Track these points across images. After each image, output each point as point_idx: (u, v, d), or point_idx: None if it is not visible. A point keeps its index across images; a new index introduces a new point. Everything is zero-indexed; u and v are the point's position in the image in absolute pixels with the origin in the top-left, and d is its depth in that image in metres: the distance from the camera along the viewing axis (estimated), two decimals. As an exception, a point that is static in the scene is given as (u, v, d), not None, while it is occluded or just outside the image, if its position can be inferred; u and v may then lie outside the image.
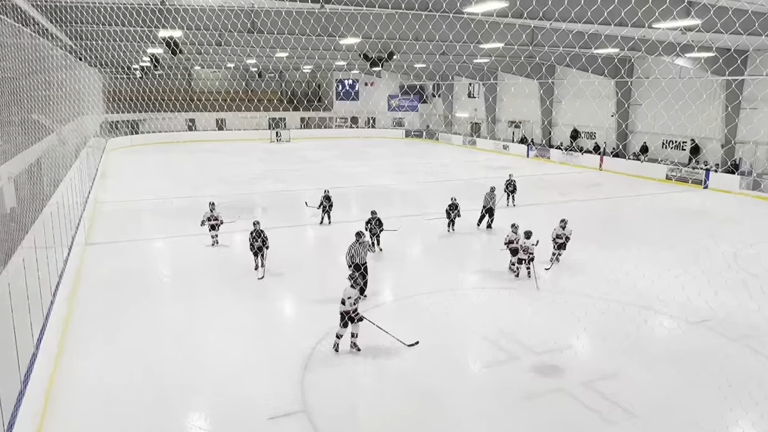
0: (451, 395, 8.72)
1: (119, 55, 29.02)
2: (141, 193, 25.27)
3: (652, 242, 17.23)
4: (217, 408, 8.34)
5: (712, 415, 8.21)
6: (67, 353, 10.04)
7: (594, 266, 14.81)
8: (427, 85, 56.80)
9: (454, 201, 18.55)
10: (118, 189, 26.33)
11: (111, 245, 16.98)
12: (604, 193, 26.76)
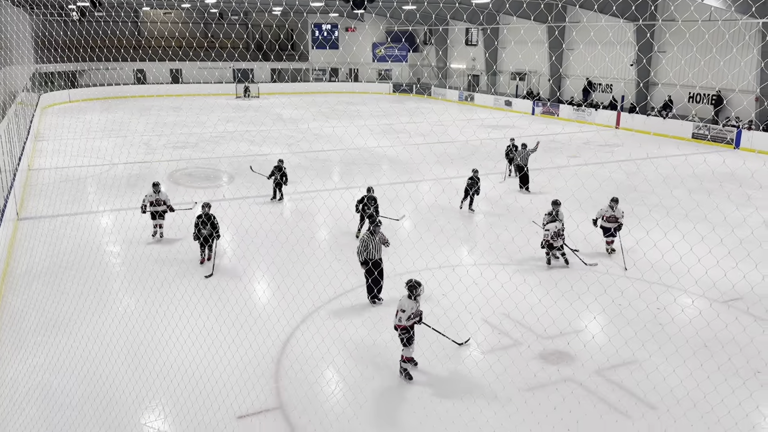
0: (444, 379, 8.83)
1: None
2: (83, 158, 24.71)
3: (677, 212, 17.33)
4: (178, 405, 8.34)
5: (743, 404, 8.38)
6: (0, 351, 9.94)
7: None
8: (418, 31, 56.12)
9: (476, 174, 18.23)
10: (56, 153, 25.76)
11: (48, 220, 16.72)
12: (622, 155, 26.82)
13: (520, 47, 44.57)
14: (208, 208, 13.24)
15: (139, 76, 50.08)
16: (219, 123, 35.58)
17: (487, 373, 8.99)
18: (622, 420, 8.15)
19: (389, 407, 8.46)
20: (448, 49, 53.54)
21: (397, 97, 52.66)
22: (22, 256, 14.06)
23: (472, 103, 46.65)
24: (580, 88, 39.46)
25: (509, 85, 46.16)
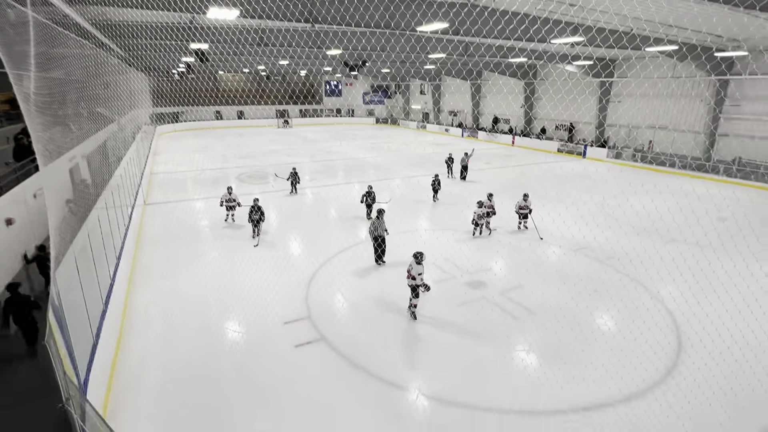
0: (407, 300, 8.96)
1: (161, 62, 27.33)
2: (184, 165, 24.34)
3: (548, 196, 17.57)
4: (247, 317, 8.39)
5: (585, 312, 8.63)
6: (136, 283, 9.88)
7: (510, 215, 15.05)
8: (390, 84, 55.46)
9: (437, 177, 17.22)
10: (167, 163, 25.27)
11: (164, 205, 16.48)
12: (516, 161, 27.01)
13: (453, 96, 44.45)
14: (257, 201, 12.44)
15: (217, 114, 49.03)
16: (268, 143, 35.00)
17: (436, 294, 9.14)
18: (515, 321, 8.34)
19: (379, 316, 8.54)
20: (409, 96, 53.08)
21: (379, 126, 52.11)
22: (148, 227, 13.92)
23: (424, 130, 46.32)
24: (491, 120, 39.44)
25: (447, 119, 45.91)
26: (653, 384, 6.58)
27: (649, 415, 5.93)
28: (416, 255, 8.12)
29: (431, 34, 16.13)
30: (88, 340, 6.01)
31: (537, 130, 34.59)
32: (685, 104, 24.36)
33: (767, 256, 11.11)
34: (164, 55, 23.72)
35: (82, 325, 5.89)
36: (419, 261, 8.06)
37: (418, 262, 8.05)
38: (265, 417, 5.92)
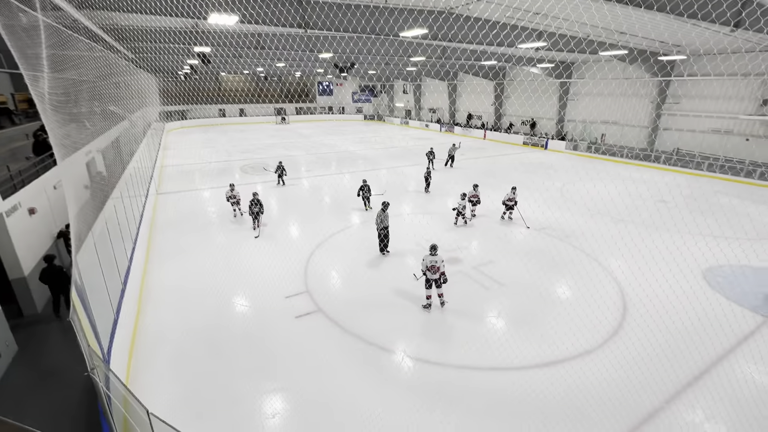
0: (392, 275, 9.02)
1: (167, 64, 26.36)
2: (192, 159, 23.76)
3: (516, 182, 17.73)
4: (252, 293, 8.35)
5: (546, 283, 8.82)
6: (151, 265, 9.71)
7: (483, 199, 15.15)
8: (376, 84, 54.64)
9: (429, 169, 16.66)
10: (176, 157, 24.64)
11: (174, 194, 16.13)
12: (488, 153, 27.11)
13: (432, 94, 44.05)
14: (257, 195, 11.78)
15: (220, 112, 47.76)
16: (267, 138, 34.32)
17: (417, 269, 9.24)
18: (486, 291, 8.46)
19: (369, 290, 8.58)
20: (393, 95, 52.42)
21: (366, 122, 51.46)
22: (161, 213, 13.62)
23: (407, 125, 45.97)
24: (465, 116, 39.31)
25: (428, 115, 45.59)
26: (603, 342, 6.81)
27: (603, 366, 6.15)
28: (432, 247, 7.61)
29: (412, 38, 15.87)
30: (109, 316, 5.93)
31: (506, 125, 34.64)
32: (633, 102, 24.64)
33: (699, 233, 11.46)
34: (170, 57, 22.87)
35: (104, 302, 5.80)
36: (433, 252, 7.56)
37: (432, 253, 7.56)
38: (271, 377, 5.96)
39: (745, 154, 19.92)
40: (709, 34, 14.75)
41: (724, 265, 9.57)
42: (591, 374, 6.04)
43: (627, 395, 5.64)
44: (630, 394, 5.65)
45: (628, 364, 6.21)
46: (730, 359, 6.44)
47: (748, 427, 5.17)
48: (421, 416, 5.24)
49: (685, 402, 5.57)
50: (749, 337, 6.99)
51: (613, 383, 5.86)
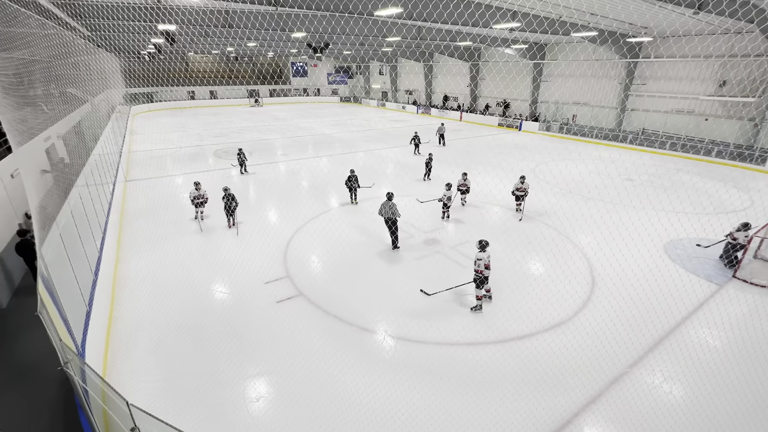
0: (372, 261, 9.07)
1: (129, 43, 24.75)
2: (162, 144, 22.71)
3: (491, 164, 17.97)
4: (231, 280, 8.23)
5: (521, 260, 9.10)
6: (124, 254, 9.37)
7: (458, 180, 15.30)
8: (352, 66, 53.42)
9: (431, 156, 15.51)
10: (145, 142, 23.47)
11: (145, 181, 15.45)
12: (463, 135, 27.26)
13: (408, 76, 43.53)
14: (229, 189, 10.61)
15: (191, 94, 45.52)
16: (241, 121, 33.15)
17: (403, 250, 9.33)
18: (461, 269, 8.66)
19: (349, 272, 8.60)
20: (369, 77, 51.46)
21: (343, 104, 50.51)
22: (131, 202, 13.05)
23: (384, 108, 45.43)
24: (441, 98, 39.17)
25: (404, 97, 45.15)
26: (573, 314, 7.14)
27: (574, 336, 6.48)
28: (481, 242, 7.05)
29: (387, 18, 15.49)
30: (81, 308, 5.71)
31: (481, 107, 34.78)
32: (602, 83, 25.18)
33: (662, 209, 12.04)
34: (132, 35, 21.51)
35: (74, 294, 5.58)
36: (483, 248, 7.00)
37: (482, 249, 6.99)
38: (254, 362, 5.96)
39: (705, 133, 20.88)
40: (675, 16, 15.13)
41: (683, 238, 10.13)
42: (563, 344, 6.35)
43: (596, 362, 5.98)
44: (598, 361, 5.99)
45: (596, 334, 6.56)
46: (686, 325, 6.90)
47: (701, 385, 5.60)
48: (404, 392, 5.39)
49: (647, 366, 5.96)
50: (704, 304, 7.50)
51: (582, 352, 6.19)
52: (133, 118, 34.79)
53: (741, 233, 8.69)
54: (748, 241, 8.46)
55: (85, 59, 18.67)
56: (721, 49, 19.47)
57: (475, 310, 7.17)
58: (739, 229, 8.76)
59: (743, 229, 8.70)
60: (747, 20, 13.63)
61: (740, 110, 19.59)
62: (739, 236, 8.70)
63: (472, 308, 7.19)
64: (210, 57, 46.29)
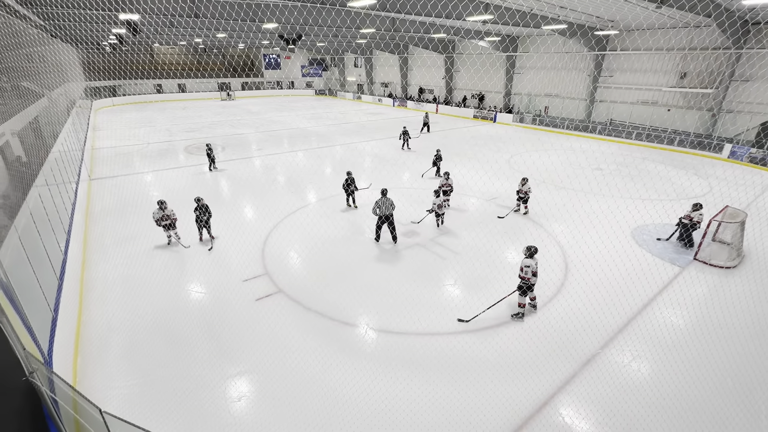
0: (352, 255, 9.04)
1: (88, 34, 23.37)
2: (128, 140, 21.70)
3: (467, 155, 18.20)
4: (207, 279, 8.02)
5: (497, 248, 9.30)
6: (91, 256, 8.95)
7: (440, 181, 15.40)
8: (326, 58, 52.58)
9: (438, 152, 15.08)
10: (110, 138, 22.38)
11: (111, 179, 14.75)
12: (440, 127, 27.43)
13: (383, 68, 43.28)
14: (202, 200, 9.43)
15: (157, 88, 43.53)
16: (212, 116, 32.08)
17: (383, 243, 9.33)
18: (442, 261, 8.77)
19: (329, 267, 8.55)
20: (344, 69, 50.84)
21: (318, 97, 49.74)
22: (97, 201, 12.44)
23: (360, 101, 45.06)
24: (417, 90, 39.21)
25: (380, 90, 44.90)
26: (548, 299, 7.38)
27: (549, 321, 6.70)
28: (529, 248, 6.61)
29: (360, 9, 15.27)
30: (46, 315, 5.43)
31: (456, 99, 35.05)
32: (572, 75, 25.86)
33: (629, 196, 12.56)
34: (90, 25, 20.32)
35: (38, 300, 5.28)
36: (530, 254, 6.59)
37: (530, 256, 6.59)
38: (234, 361, 5.85)
39: (668, 123, 21.85)
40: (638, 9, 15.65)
41: (649, 224, 10.62)
42: (539, 329, 6.56)
43: (570, 344, 6.21)
44: (572, 343, 6.23)
45: (569, 318, 6.81)
46: (652, 306, 7.27)
47: (666, 362, 5.93)
48: (386, 385, 5.44)
49: (617, 346, 6.25)
50: (668, 286, 7.91)
51: (558, 335, 6.41)
52: (96, 113, 33.07)
53: (696, 213, 9.21)
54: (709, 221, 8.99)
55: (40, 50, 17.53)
56: (682, 43, 20.35)
57: (515, 317, 6.79)
58: (694, 209, 9.28)
59: (698, 209, 9.24)
60: (705, 14, 14.27)
61: (699, 101, 20.59)
62: (694, 216, 9.21)
63: (513, 315, 6.81)
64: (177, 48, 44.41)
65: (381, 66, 43.70)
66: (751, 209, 11.81)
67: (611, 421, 4.96)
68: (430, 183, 14.01)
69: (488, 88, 32.13)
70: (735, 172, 16.11)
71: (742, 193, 13.45)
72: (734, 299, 7.42)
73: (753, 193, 13.46)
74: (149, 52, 43.36)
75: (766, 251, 9.21)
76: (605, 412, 5.09)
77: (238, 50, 47.74)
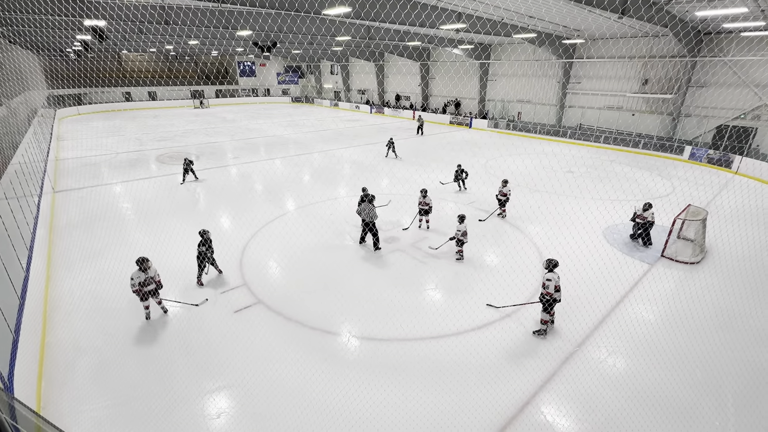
0: (332, 263, 8.97)
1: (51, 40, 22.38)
2: (95, 150, 20.82)
3: (444, 160, 18.44)
4: (183, 291, 7.75)
5: (477, 251, 9.43)
6: (56, 272, 8.49)
7: (416, 178, 15.52)
8: (302, 65, 52.40)
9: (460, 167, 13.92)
10: (75, 148, 21.40)
11: (77, 191, 14.08)
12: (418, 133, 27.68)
13: (359, 75, 43.49)
14: (207, 233, 7.93)
15: (126, 96, 42.01)
16: (185, 124, 31.24)
17: (357, 251, 9.28)
18: (423, 265, 8.81)
19: (308, 276, 8.44)
20: (321, 76, 50.78)
21: (294, 104, 49.38)
22: (62, 214, 11.82)
23: (337, 107, 45.03)
24: (394, 97, 39.57)
25: (357, 97, 45.04)
26: (526, 300, 7.53)
27: (528, 322, 6.82)
28: (551, 262, 6.32)
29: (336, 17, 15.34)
30: (6, 337, 5.10)
31: (433, 105, 35.57)
32: (543, 82, 26.77)
33: (599, 198, 13.03)
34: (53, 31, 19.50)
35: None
36: (551, 268, 6.30)
37: (551, 269, 6.30)
38: (212, 376, 5.66)
39: (633, 127, 22.91)
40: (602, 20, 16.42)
41: (618, 224, 11.05)
42: (518, 330, 6.68)
43: (549, 343, 6.35)
44: (551, 342, 6.37)
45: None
46: (624, 303, 7.54)
47: (639, 356, 6.14)
48: (370, 393, 5.39)
49: (593, 343, 6.43)
50: (638, 283, 8.23)
51: (537, 335, 6.54)
52: (60, 122, 31.63)
53: (648, 212, 9.60)
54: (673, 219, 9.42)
55: (-2, 57, 16.70)
56: (643, 51, 21.46)
57: (537, 334, 6.49)
58: (645, 209, 9.64)
59: (648, 208, 9.60)
60: (662, 25, 15.11)
61: (660, 106, 21.72)
62: (647, 215, 9.60)
63: (535, 332, 6.52)
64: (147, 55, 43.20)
65: (357, 73, 43.92)
66: (711, 207, 12.50)
67: (591, 417, 5.09)
68: (408, 188, 14.11)
69: (463, 95, 32.82)
70: (695, 172, 17.02)
71: (702, 192, 14.22)
72: (699, 293, 7.80)
73: (712, 192, 14.25)
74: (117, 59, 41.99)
75: (727, 246, 9.75)
76: (585, 407, 5.21)
77: (212, 57, 46.90)
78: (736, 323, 6.97)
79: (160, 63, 44.69)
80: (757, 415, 5.15)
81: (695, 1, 12.66)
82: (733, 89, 18.91)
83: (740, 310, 7.30)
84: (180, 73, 44.81)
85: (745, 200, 13.12)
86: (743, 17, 14.66)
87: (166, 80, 43.69)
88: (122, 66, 42.40)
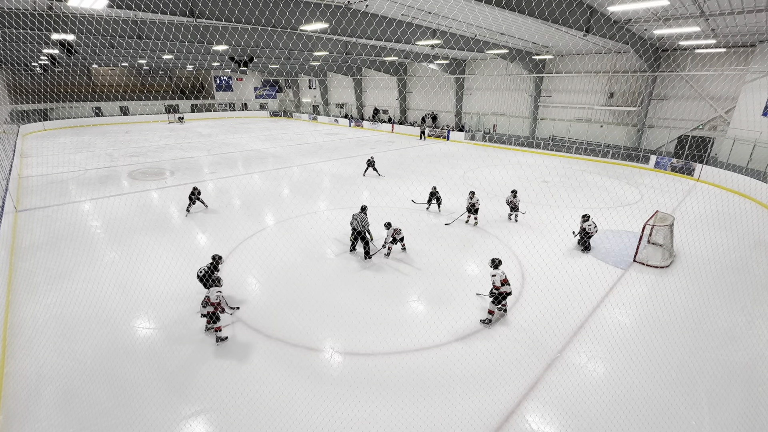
0: (313, 277, 8.84)
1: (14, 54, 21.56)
2: (62, 166, 19.96)
3: (423, 173, 18.66)
4: (156, 313, 7.42)
5: (457, 262, 9.51)
6: (17, 297, 7.97)
7: (396, 190, 15.62)
8: (280, 79, 52.40)
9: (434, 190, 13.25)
10: (41, 165, 20.44)
11: (41, 210, 13.39)
12: (396, 146, 28.02)
13: (337, 90, 43.87)
14: (219, 259, 7.55)
15: (96, 111, 40.63)
16: (160, 139, 30.44)
17: (337, 265, 9.18)
18: (405, 277, 8.79)
19: (290, 292, 8.27)
20: (299, 90, 50.85)
21: (273, 119, 49.09)
22: (24, 234, 11.17)
23: (316, 121, 45.04)
24: (371, 111, 39.99)
25: (335, 110, 45.28)
26: (508, 308, 7.62)
27: (510, 331, 6.88)
28: (494, 260, 7.12)
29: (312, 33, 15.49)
30: (-40, 368, 4.73)
31: (410, 119, 36.14)
32: (515, 96, 27.74)
33: (573, 206, 13.46)
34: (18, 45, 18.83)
35: (-51, 352, 4.60)
36: (495, 266, 7.08)
37: (493, 266, 7.08)
38: (189, 400, 5.40)
39: (601, 138, 23.94)
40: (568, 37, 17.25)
41: (592, 231, 11.40)
42: (501, 339, 6.73)
43: (531, 351, 6.42)
44: (533, 350, 6.45)
45: (529, 325, 7.06)
46: (601, 308, 7.74)
47: (617, 360, 6.29)
48: (355, 409, 5.27)
49: (573, 348, 6.55)
50: (613, 288, 8.48)
51: (519, 344, 6.61)
52: (24, 138, 30.25)
53: (586, 224, 9.96)
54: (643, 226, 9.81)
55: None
56: (608, 66, 22.63)
57: (482, 323, 7.06)
58: (584, 221, 10.00)
59: (587, 219, 9.98)
60: (623, 42, 16.02)
61: (626, 118, 22.84)
62: (585, 226, 9.95)
63: (481, 321, 7.09)
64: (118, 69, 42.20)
65: (335, 87, 44.27)
66: (677, 213, 13.12)
67: (573, 422, 5.14)
68: (388, 200, 14.17)
69: (440, 108, 33.56)
70: (660, 180, 17.88)
71: (668, 198, 14.93)
72: (670, 296, 8.11)
73: (677, 199, 14.98)
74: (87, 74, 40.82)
75: (694, 250, 10.22)
76: (567, 414, 5.27)
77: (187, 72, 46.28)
78: (705, 324, 7.26)
79: (132, 77, 43.72)
80: (730, 412, 5.34)
81: (652, 20, 13.51)
82: (691, 102, 20.15)
83: (708, 311, 7.62)
84: (153, 87, 43.92)
85: (707, 206, 13.85)
86: (695, 36, 15.73)
87: (138, 95, 42.67)
88: (92, 80, 41.19)
